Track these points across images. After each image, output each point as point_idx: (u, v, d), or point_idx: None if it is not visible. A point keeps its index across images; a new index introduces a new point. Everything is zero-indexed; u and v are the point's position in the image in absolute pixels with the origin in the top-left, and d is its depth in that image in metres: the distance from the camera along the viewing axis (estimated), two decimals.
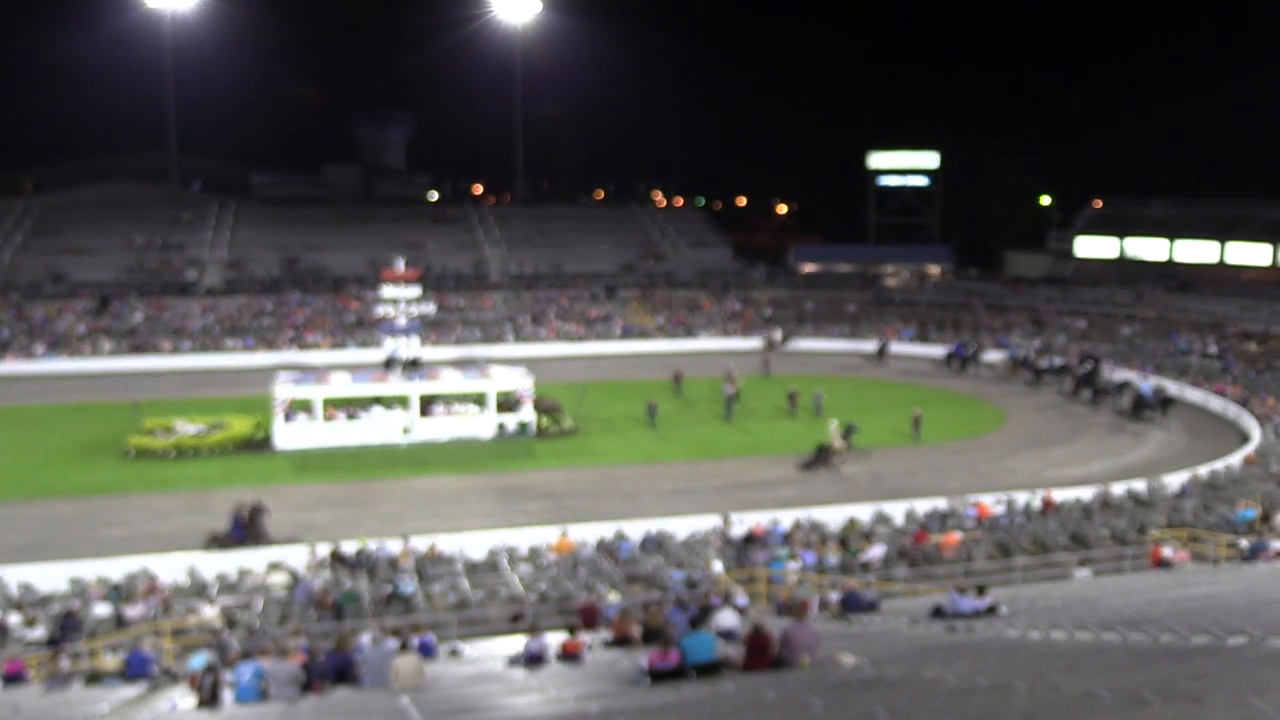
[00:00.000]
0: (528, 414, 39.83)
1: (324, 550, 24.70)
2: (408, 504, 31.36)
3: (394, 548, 24.90)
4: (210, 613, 20.69)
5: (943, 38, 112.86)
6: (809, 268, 78.44)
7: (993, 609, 16.66)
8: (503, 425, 39.55)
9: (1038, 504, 28.99)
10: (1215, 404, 45.37)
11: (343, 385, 38.95)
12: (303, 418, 37.82)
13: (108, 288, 61.51)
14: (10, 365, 51.78)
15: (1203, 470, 32.96)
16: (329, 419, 38.17)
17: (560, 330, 60.91)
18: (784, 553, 24.22)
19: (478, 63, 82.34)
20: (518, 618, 20.57)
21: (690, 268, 72.44)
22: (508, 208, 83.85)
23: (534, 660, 15.31)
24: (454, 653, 17.51)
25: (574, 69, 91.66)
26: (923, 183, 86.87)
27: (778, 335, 61.04)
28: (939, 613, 16.95)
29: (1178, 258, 68.42)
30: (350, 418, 38.65)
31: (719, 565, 23.40)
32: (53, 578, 23.27)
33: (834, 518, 27.89)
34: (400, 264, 43.17)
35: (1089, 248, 73.06)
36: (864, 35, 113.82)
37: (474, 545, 25.63)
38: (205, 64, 79.93)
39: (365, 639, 16.75)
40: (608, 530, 26.54)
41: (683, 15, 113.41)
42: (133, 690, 15.43)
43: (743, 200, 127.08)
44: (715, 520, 27.44)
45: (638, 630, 16.67)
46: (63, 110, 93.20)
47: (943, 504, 29.19)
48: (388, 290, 42.00)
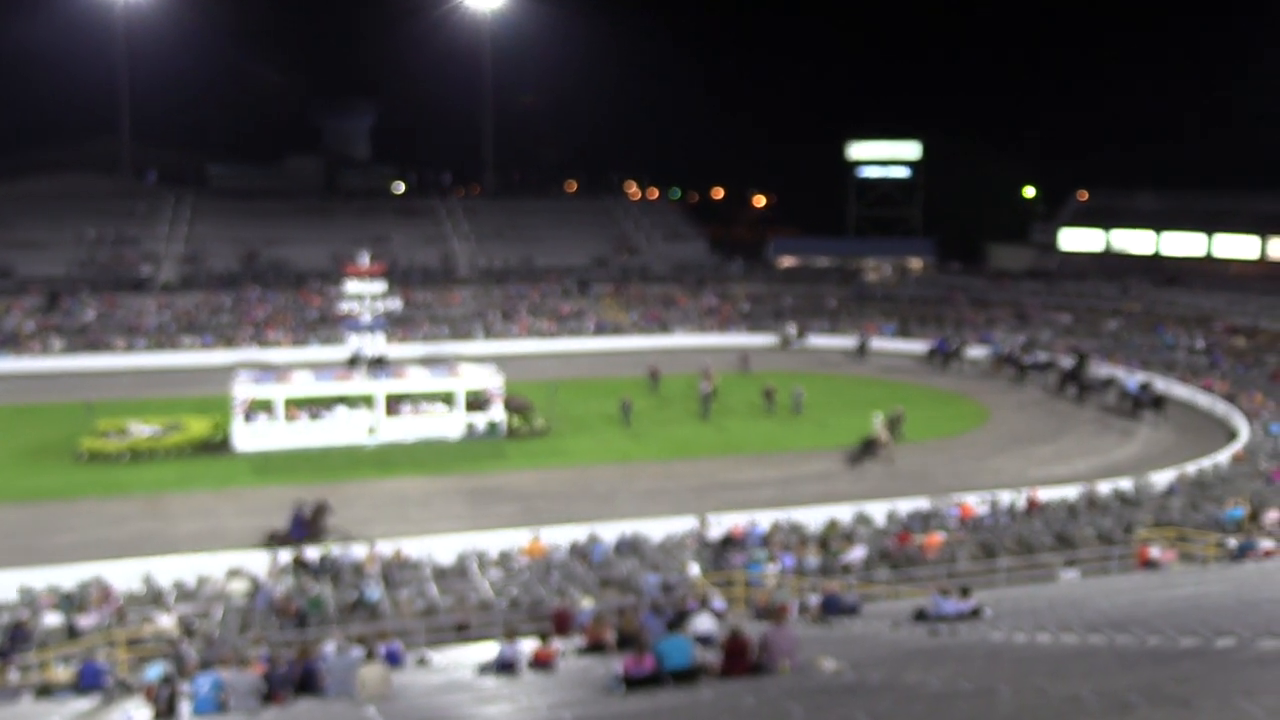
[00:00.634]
0: (498, 413, 39.73)
1: (286, 556, 24.55)
2: (373, 507, 31.20)
3: (359, 552, 24.78)
4: (167, 622, 20.51)
5: (925, 26, 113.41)
6: (788, 261, 78.63)
7: (976, 611, 16.74)
8: (472, 425, 39.45)
9: (1022, 504, 29.18)
10: (1203, 400, 45.84)
11: (305, 384, 38.73)
12: (263, 418, 37.57)
13: (58, 283, 60.83)
14: None
15: (1190, 468, 33.30)
16: (291, 419, 37.93)
17: (531, 327, 60.78)
18: (762, 555, 24.26)
19: (446, 49, 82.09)
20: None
21: (665, 262, 72.49)
22: (477, 200, 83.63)
23: (505, 668, 15.27)
24: (422, 661, 17.44)
25: (546, 57, 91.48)
26: (904, 174, 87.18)
27: (793, 330, 61.11)
28: (921, 616, 17.02)
29: (1164, 251, 69.03)
30: (313, 418, 38.44)
31: (695, 568, 23.42)
32: (1, 587, 22.99)
33: (814, 519, 27.97)
34: (365, 258, 42.91)
35: (1074, 241, 73.62)
36: (844, 23, 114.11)
37: (442, 549, 25.56)
38: (160, 50, 79.02)
39: (329, 648, 16.64)
40: (581, 533, 26.51)
41: (658, 1, 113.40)
42: (86, 703, 15.30)
43: (719, 192, 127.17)
44: (692, 522, 27.46)
45: (612, 636, 16.64)
46: (11, 98, 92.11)
47: (925, 504, 29.34)
48: (352, 285, 41.74)
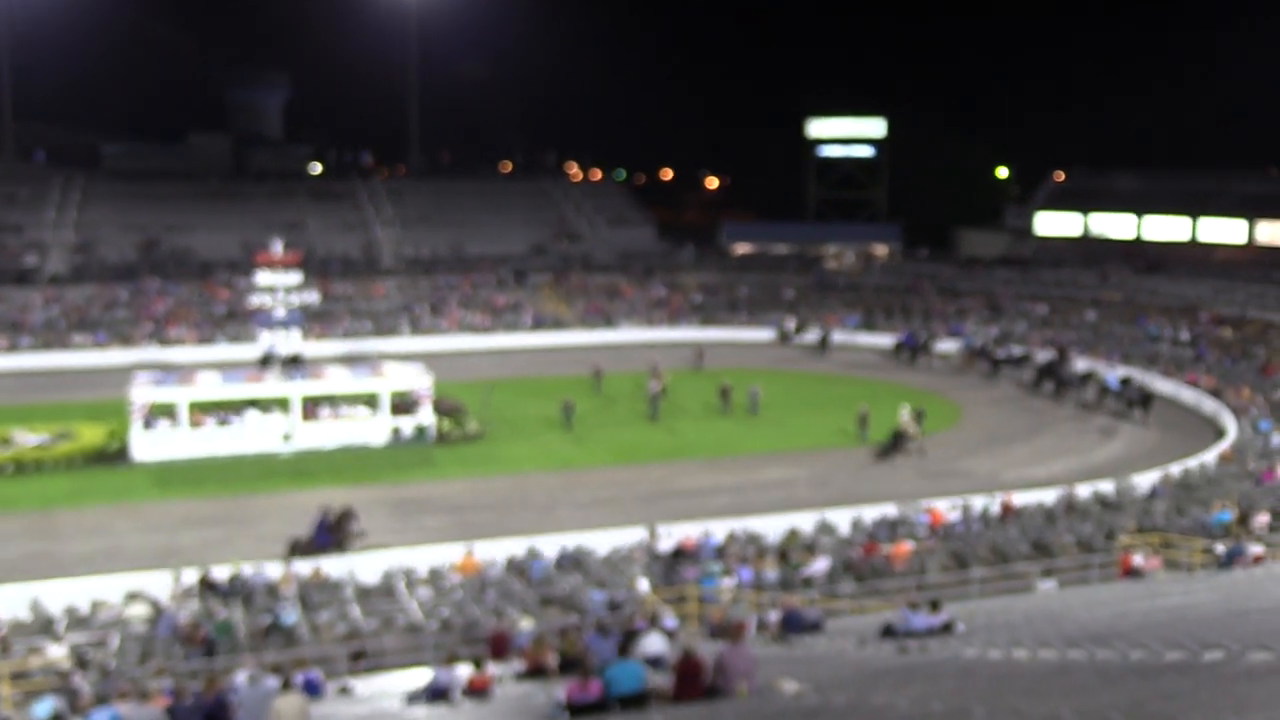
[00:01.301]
0: (426, 416, 39.57)
1: (191, 577, 24.24)
2: (289, 522, 30.77)
3: (273, 572, 24.55)
4: (57, 652, 20.19)
5: None
6: (742, 248, 78.97)
7: (948, 626, 16.89)
8: (398, 430, 39.26)
9: (996, 509, 29.51)
10: (1188, 396, 46.66)
11: (212, 386, 38.37)
12: (165, 424, 37.15)
13: None
14: None
15: (1175, 469, 33.87)
16: (196, 425, 37.53)
17: (462, 321, 60.56)
18: (717, 568, 24.33)
19: (368, 18, 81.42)
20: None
21: (609, 249, 72.50)
22: (402, 182, 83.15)
23: (437, 696, 15.21)
24: (344, 690, 17.32)
25: (478, 25, 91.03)
26: (868, 153, 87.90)
27: (792, 325, 61.31)
28: (889, 632, 17.15)
29: (1146, 235, 70.18)
30: (221, 424, 38.07)
31: (644, 584, 23.44)
32: None
33: (773, 528, 28.11)
34: (278, 246, 42.58)
35: (1050, 225, 74.63)
36: None
37: (366, 567, 25.42)
38: (48, 17, 77.71)
39: (240, 678, 16.50)
40: (519, 547, 26.49)
41: None
42: None
43: (668, 173, 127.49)
44: (640, 533, 27.49)
45: (554, 659, 16.65)
46: None
47: (892, 511, 29.58)
48: (263, 277, 41.40)
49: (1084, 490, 31.44)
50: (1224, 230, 67.33)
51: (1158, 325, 56.71)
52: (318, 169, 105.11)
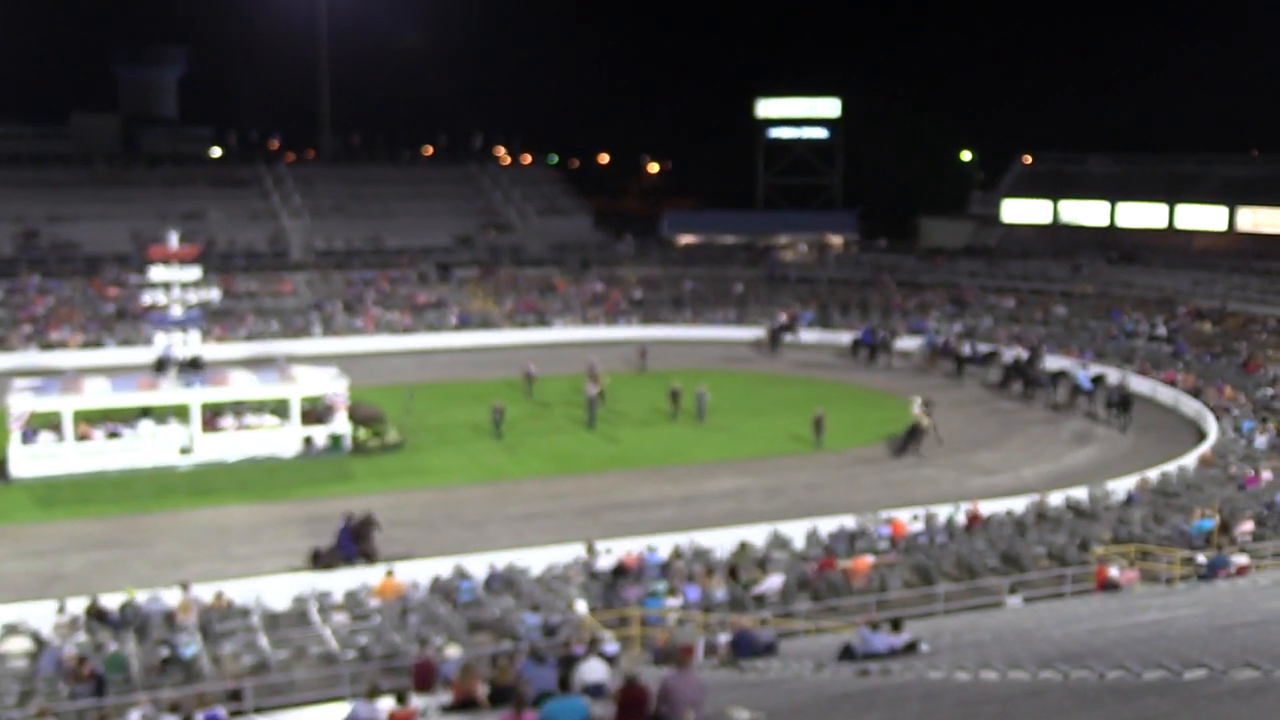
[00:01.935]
0: (341, 425, 39.34)
1: (77, 606, 23.85)
2: (188, 543, 30.64)
3: (171, 599, 24.22)
4: None
5: None
6: (686, 239, 79.25)
7: (911, 646, 17.02)
8: (309, 440, 39.02)
9: (962, 519, 29.80)
10: (1166, 395, 47.39)
11: (100, 394, 37.95)
12: (47, 437, 36.66)
13: None
14: None
15: (1152, 474, 34.35)
16: (83, 438, 37.04)
17: (380, 320, 60.24)
18: (661, 587, 24.35)
19: None
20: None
21: (542, 240, 72.42)
22: (312, 167, 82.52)
23: None
24: None
25: None
26: (821, 135, 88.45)
27: (781, 320, 61.28)
28: (848, 653, 17.25)
29: (1120, 223, 71.33)
30: (111, 435, 37.62)
31: (582, 605, 23.40)
32: None
33: (721, 543, 28.19)
34: (174, 239, 42.03)
35: (1018, 212, 75.59)
36: None
37: (275, 592, 25.19)
38: None
39: (134, 716, 16.26)
40: (444, 567, 26.40)
41: None
42: None
43: (605, 158, 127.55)
44: (578, 550, 27.49)
45: (484, 690, 16.64)
46: None
47: (850, 522, 29.76)
48: (157, 272, 40.86)
49: (1056, 498, 31.83)
50: (1203, 217, 68.49)
51: (1133, 320, 57.51)
52: (218, 153, 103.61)
